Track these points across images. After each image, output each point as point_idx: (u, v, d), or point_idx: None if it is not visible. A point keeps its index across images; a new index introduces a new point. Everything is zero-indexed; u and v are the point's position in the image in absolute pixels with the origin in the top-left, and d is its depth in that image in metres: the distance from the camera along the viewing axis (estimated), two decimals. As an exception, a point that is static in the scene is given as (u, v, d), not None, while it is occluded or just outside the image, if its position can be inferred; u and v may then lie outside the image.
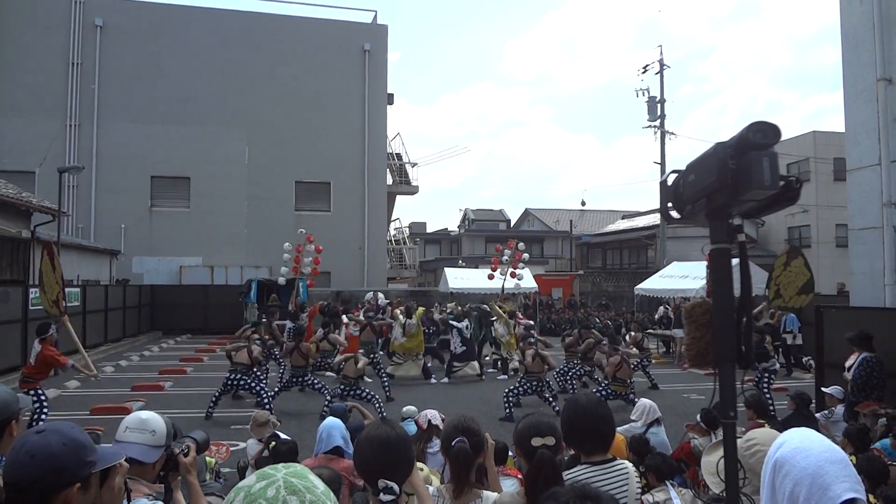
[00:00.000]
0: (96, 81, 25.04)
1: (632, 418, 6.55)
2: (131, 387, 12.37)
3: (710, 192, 1.61)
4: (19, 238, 15.25)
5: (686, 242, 27.04)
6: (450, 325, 14.46)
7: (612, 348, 10.52)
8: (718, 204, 1.60)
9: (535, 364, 10.47)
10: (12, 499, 1.53)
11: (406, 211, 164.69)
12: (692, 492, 4.23)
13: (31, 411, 7.54)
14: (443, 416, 4.98)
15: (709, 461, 2.43)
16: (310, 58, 27.21)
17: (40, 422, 7.29)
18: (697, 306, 1.95)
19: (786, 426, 4.68)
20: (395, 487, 1.96)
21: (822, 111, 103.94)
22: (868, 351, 7.19)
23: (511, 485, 3.38)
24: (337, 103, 27.40)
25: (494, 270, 17.84)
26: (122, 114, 25.18)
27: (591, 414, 2.54)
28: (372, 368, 12.50)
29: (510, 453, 4.34)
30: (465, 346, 14.10)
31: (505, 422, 9.61)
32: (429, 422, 4.90)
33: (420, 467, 3.14)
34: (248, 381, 10.03)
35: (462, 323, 14.30)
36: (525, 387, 10.48)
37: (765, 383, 9.95)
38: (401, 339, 13.76)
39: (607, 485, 2.39)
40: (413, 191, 31.18)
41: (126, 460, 1.82)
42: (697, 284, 17.43)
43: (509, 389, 10.49)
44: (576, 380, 12.56)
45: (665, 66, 28.29)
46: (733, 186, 1.53)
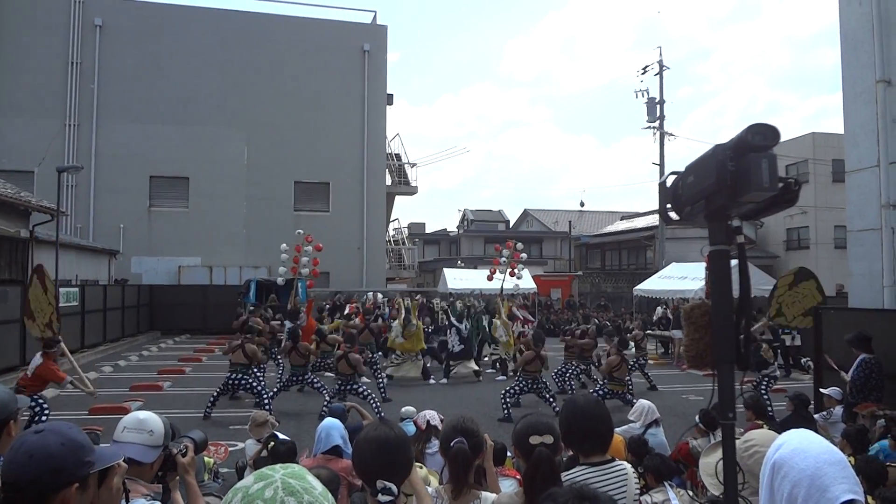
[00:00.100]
0: (96, 81, 25.03)
1: (630, 419, 6.54)
2: (130, 387, 12.37)
3: (709, 194, 1.61)
4: (18, 238, 15.22)
5: (685, 243, 27.05)
6: (449, 323, 14.47)
7: (617, 349, 10.47)
8: (717, 205, 1.61)
9: (532, 364, 10.48)
10: (10, 499, 1.53)
11: (405, 211, 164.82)
12: (690, 493, 4.23)
13: (31, 414, 7.54)
14: (441, 416, 4.97)
15: (707, 462, 2.42)
16: (309, 58, 27.20)
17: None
18: (696, 308, 1.95)
19: (784, 427, 4.68)
20: (394, 488, 1.96)
21: (822, 112, 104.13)
22: (867, 352, 7.20)
23: (509, 485, 3.37)
24: (336, 103, 27.40)
25: (494, 273, 17.84)
26: (121, 113, 25.17)
27: (590, 415, 2.54)
28: (369, 369, 12.50)
29: (508, 454, 4.34)
30: (463, 346, 14.12)
31: (503, 422, 9.61)
32: (427, 422, 4.89)
33: (419, 466, 3.14)
34: (248, 381, 10.03)
35: (462, 324, 14.32)
36: (522, 385, 10.48)
37: (763, 386, 9.96)
38: (400, 338, 13.76)
39: (605, 485, 2.40)
40: (412, 191, 31.20)
41: (124, 460, 1.81)
42: (696, 285, 17.44)
43: (506, 390, 10.50)
44: (574, 380, 12.59)
45: (664, 67, 28.36)
46: (732, 188, 1.54)
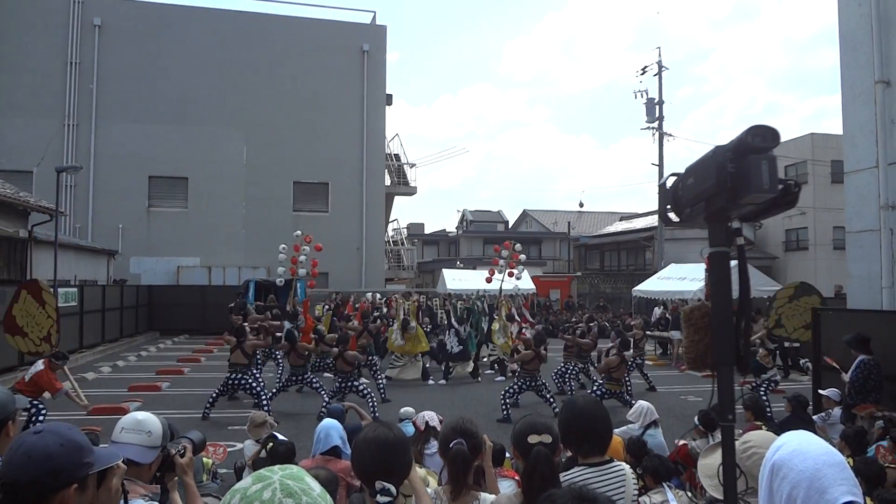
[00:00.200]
0: (94, 81, 25.01)
1: (629, 420, 6.53)
2: (128, 387, 12.35)
3: (709, 196, 1.61)
4: (16, 238, 15.21)
5: (684, 244, 27.07)
6: (449, 324, 14.47)
7: (618, 350, 10.43)
8: (717, 207, 1.61)
9: (531, 363, 10.47)
10: (9, 499, 1.52)
11: (404, 212, 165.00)
12: (689, 494, 4.22)
13: (28, 416, 7.52)
14: (440, 417, 4.97)
15: (706, 464, 2.42)
16: (308, 58, 27.19)
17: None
18: (696, 309, 1.95)
19: (783, 428, 4.69)
20: (392, 489, 1.96)
21: (820, 113, 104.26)
22: (865, 353, 7.20)
23: (508, 486, 3.38)
24: (335, 104, 27.39)
25: (492, 275, 17.84)
26: (120, 113, 25.15)
27: (589, 415, 2.54)
28: (368, 370, 12.49)
29: (507, 455, 4.34)
30: (462, 346, 14.12)
31: (503, 423, 9.61)
32: (426, 423, 4.89)
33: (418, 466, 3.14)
34: (247, 381, 10.02)
35: (462, 326, 14.30)
36: (521, 384, 10.48)
37: (762, 389, 9.96)
38: (400, 341, 13.75)
39: (604, 486, 2.40)
40: (411, 192, 31.18)
41: (122, 461, 1.81)
42: (695, 286, 17.45)
43: (506, 390, 10.49)
44: (573, 380, 12.58)
45: (663, 68, 28.39)
46: (732, 190, 1.54)
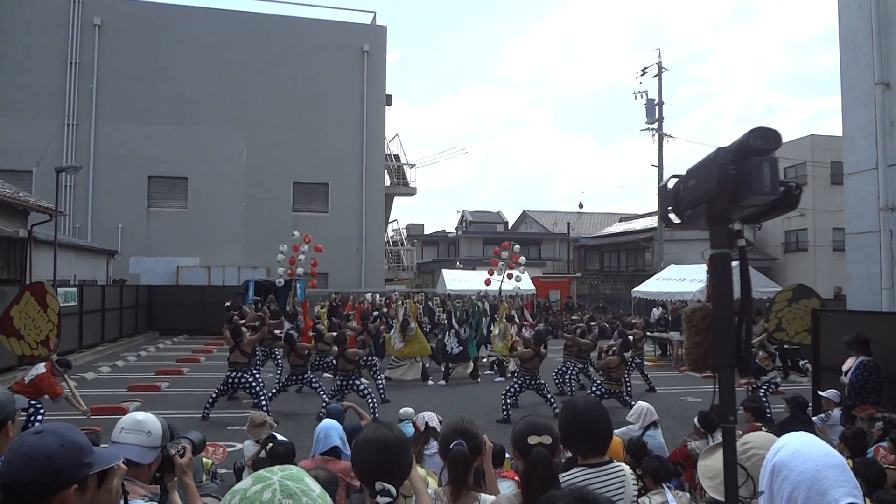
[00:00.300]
0: (94, 81, 25.00)
1: (629, 421, 6.53)
2: (128, 387, 12.35)
3: (710, 198, 1.61)
4: (16, 238, 15.19)
5: (683, 245, 27.09)
6: (448, 325, 14.47)
7: (618, 350, 10.42)
8: (719, 209, 1.61)
9: (531, 362, 10.47)
10: (9, 500, 1.52)
11: (404, 212, 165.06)
12: (689, 495, 4.23)
13: (27, 416, 7.51)
14: (440, 417, 4.97)
15: (705, 465, 2.42)
16: (308, 58, 27.20)
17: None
18: (697, 311, 1.94)
19: (782, 430, 4.68)
20: (392, 490, 1.96)
21: (820, 115, 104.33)
22: (865, 354, 7.20)
23: (508, 487, 3.37)
24: (335, 104, 27.39)
25: (491, 275, 17.86)
26: (120, 113, 25.14)
27: (589, 416, 2.54)
28: (368, 371, 12.49)
29: (507, 455, 4.33)
30: (462, 347, 14.11)
31: (502, 424, 9.60)
32: (426, 424, 4.89)
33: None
34: (247, 380, 10.02)
35: (462, 327, 14.30)
36: (521, 383, 10.48)
37: (763, 390, 9.96)
38: (399, 344, 13.74)
39: (604, 487, 2.39)
40: (411, 192, 31.18)
41: (122, 461, 1.81)
42: (695, 287, 17.43)
43: (506, 391, 10.49)
44: (573, 381, 12.58)
45: (663, 69, 28.41)
46: (734, 192, 1.54)
